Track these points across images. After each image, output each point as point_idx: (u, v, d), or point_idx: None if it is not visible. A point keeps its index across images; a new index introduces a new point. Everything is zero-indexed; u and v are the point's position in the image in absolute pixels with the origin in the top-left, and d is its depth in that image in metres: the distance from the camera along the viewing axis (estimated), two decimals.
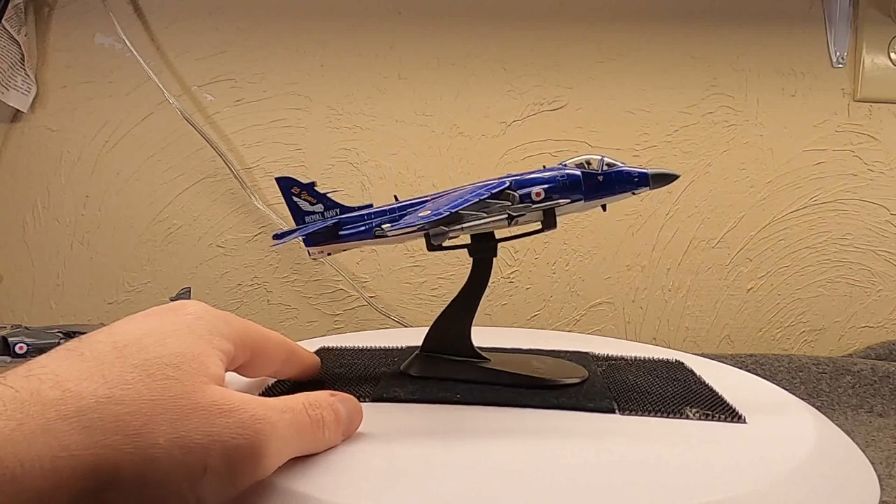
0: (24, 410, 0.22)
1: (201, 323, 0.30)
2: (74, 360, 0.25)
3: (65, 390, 0.24)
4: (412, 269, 0.88)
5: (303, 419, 0.29)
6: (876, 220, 0.88)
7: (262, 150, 0.87)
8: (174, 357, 0.26)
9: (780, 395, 0.44)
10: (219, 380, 0.28)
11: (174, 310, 0.30)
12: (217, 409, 0.25)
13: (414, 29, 0.86)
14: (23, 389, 0.23)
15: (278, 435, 0.27)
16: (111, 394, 0.24)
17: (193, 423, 0.25)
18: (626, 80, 0.87)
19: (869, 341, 0.89)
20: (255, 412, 0.26)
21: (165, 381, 0.25)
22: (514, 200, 0.40)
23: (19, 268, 0.87)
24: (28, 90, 0.84)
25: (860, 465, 0.35)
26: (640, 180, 0.41)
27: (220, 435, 0.25)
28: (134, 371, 0.25)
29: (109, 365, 0.25)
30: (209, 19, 0.85)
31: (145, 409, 0.24)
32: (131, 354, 0.26)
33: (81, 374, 0.25)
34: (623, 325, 0.90)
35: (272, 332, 0.35)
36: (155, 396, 0.25)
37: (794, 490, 0.29)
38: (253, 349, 0.33)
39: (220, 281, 0.87)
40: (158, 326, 0.28)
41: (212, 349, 0.29)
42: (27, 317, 0.87)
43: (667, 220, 0.88)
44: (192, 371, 0.26)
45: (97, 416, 0.23)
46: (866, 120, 0.87)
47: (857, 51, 0.86)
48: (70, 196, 0.87)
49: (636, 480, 0.29)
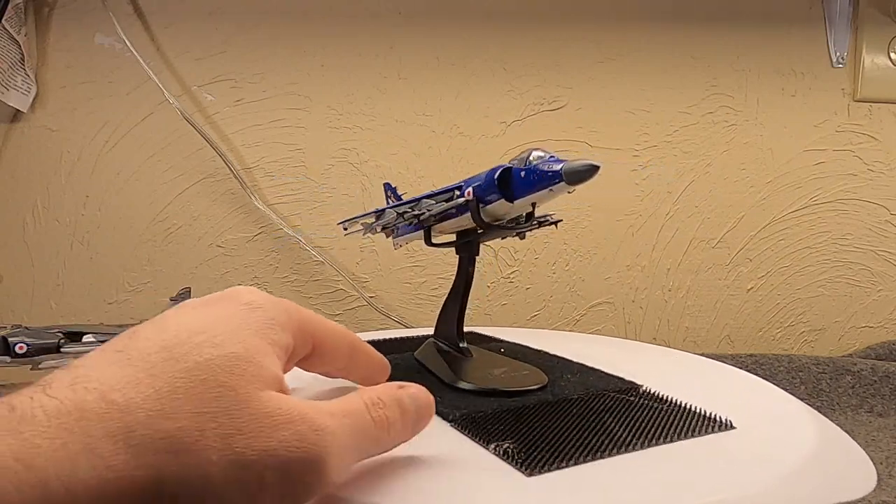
0: (68, 427, 0.21)
1: (258, 314, 0.28)
2: (122, 364, 0.24)
3: (110, 402, 0.22)
4: (412, 269, 0.88)
5: (365, 422, 0.27)
6: (876, 220, 0.88)
7: (262, 150, 0.87)
8: (228, 359, 0.25)
9: (780, 395, 0.44)
10: (276, 382, 0.26)
11: (229, 298, 0.28)
12: (273, 420, 0.24)
13: (414, 29, 0.86)
14: (67, 401, 0.22)
15: (339, 444, 0.25)
16: (160, 406, 0.23)
17: (248, 437, 0.23)
18: (626, 80, 0.87)
19: (869, 341, 0.89)
20: (313, 422, 0.25)
21: (219, 390, 0.24)
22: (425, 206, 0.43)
23: (19, 268, 0.87)
24: (28, 90, 0.84)
25: (861, 463, 0.35)
26: (553, 176, 0.37)
27: (276, 449, 0.23)
28: (185, 377, 0.23)
29: (159, 370, 0.24)
30: (209, 19, 0.85)
31: (197, 424, 0.23)
32: (182, 357, 0.24)
33: (129, 383, 0.23)
34: (623, 325, 0.90)
35: (336, 325, 0.33)
36: (207, 409, 0.23)
37: (795, 490, 0.29)
38: (314, 340, 0.31)
39: (220, 281, 0.87)
40: (211, 321, 0.26)
41: (269, 346, 0.27)
42: (27, 317, 0.86)
43: (667, 220, 0.88)
44: (248, 375, 0.25)
45: (146, 434, 0.22)
46: (866, 120, 0.87)
47: (857, 51, 0.86)
48: (70, 196, 0.86)
49: (635, 481, 0.29)
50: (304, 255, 0.87)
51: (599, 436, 0.33)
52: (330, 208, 0.87)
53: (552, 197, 0.38)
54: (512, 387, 0.40)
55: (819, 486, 0.31)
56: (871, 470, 0.34)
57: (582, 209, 0.88)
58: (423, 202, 0.45)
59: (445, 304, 0.48)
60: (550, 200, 0.39)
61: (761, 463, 0.31)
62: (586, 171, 0.35)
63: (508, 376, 0.42)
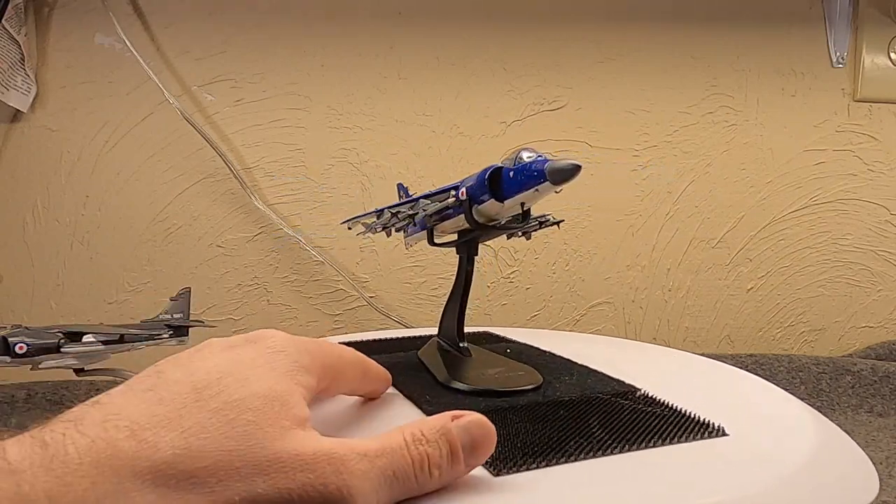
0: (98, 466, 0.22)
1: (283, 357, 0.28)
2: (151, 402, 0.24)
3: (141, 440, 0.23)
4: (412, 269, 0.88)
5: (402, 461, 0.26)
6: (876, 220, 0.88)
7: (262, 150, 0.87)
8: (255, 400, 0.25)
9: (780, 395, 0.44)
10: (302, 422, 0.26)
11: (254, 341, 0.29)
12: (298, 461, 0.24)
13: (414, 29, 0.86)
14: (99, 439, 0.22)
15: (369, 487, 0.25)
16: (188, 444, 0.23)
17: (272, 478, 0.23)
18: (626, 80, 0.87)
19: (869, 341, 0.89)
20: (340, 464, 0.24)
21: (245, 428, 0.24)
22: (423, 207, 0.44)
23: (19, 268, 0.87)
24: (28, 90, 0.84)
25: (861, 464, 0.35)
26: (538, 175, 0.37)
27: (299, 492, 0.23)
28: (213, 417, 0.24)
29: (188, 410, 0.24)
30: (209, 19, 0.85)
31: (222, 463, 0.23)
32: (211, 397, 0.25)
33: (159, 422, 0.23)
34: (623, 325, 0.90)
35: (346, 351, 0.33)
36: (233, 447, 0.23)
37: (795, 491, 0.29)
38: (333, 376, 0.32)
39: (220, 281, 0.87)
40: (238, 363, 0.27)
41: (295, 386, 0.27)
42: (27, 317, 0.86)
43: (667, 220, 0.88)
44: (274, 414, 0.25)
45: (172, 473, 0.22)
46: (866, 120, 0.87)
47: (857, 51, 0.86)
48: (70, 196, 0.86)
49: (634, 481, 0.29)
50: (304, 255, 0.87)
51: (579, 438, 0.32)
52: (330, 208, 0.87)
53: (539, 197, 0.38)
54: (504, 387, 0.40)
55: (819, 488, 0.30)
56: (871, 472, 0.34)
57: (582, 209, 0.88)
58: (420, 202, 0.45)
59: (446, 303, 0.48)
60: (539, 200, 0.39)
61: (761, 464, 0.31)
62: (569, 170, 0.36)
63: (503, 377, 0.42)
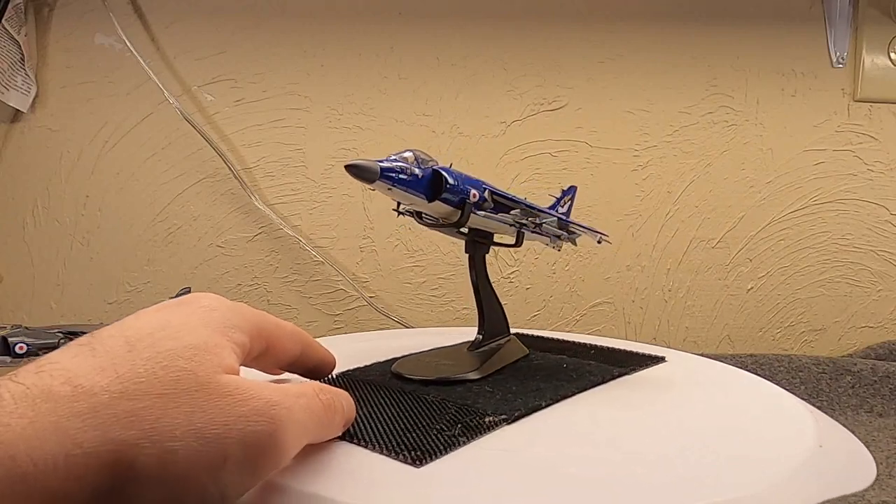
0: (35, 408, 0.22)
1: (215, 315, 0.29)
2: (86, 355, 0.25)
3: (76, 386, 0.23)
4: (412, 269, 0.88)
5: (316, 403, 0.29)
6: (876, 220, 0.88)
7: (262, 150, 0.87)
8: (187, 350, 0.26)
9: (780, 395, 0.44)
10: (233, 371, 0.27)
11: (187, 303, 0.30)
12: (232, 397, 0.25)
13: (414, 29, 0.86)
14: (34, 386, 0.23)
15: (295, 419, 0.27)
16: (124, 388, 0.24)
17: (209, 413, 0.24)
18: (626, 80, 0.87)
19: (869, 341, 0.88)
20: (270, 398, 0.26)
21: (178, 373, 0.25)
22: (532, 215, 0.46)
23: (19, 268, 0.87)
24: (28, 90, 0.84)
25: (862, 461, 0.35)
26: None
27: (237, 423, 0.25)
28: (146, 364, 0.25)
29: (121, 360, 0.25)
30: (209, 19, 0.85)
31: (159, 403, 0.24)
32: (144, 349, 0.26)
33: (93, 370, 0.24)
34: (623, 325, 0.90)
35: (287, 323, 0.35)
36: (168, 389, 0.24)
37: (796, 490, 0.29)
38: (268, 340, 0.33)
39: (220, 281, 0.87)
40: (171, 320, 0.28)
41: (227, 342, 0.28)
42: (27, 317, 0.86)
43: (667, 220, 0.88)
44: (206, 362, 0.26)
45: (111, 413, 0.23)
46: (866, 120, 0.87)
47: (857, 51, 0.86)
48: (70, 196, 0.86)
49: (633, 482, 0.29)
50: (304, 255, 0.87)
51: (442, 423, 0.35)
52: (330, 208, 0.87)
53: (407, 199, 0.42)
54: (426, 376, 0.43)
55: (820, 483, 0.31)
56: (869, 461, 0.34)
57: (582, 209, 0.88)
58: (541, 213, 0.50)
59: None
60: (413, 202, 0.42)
61: (762, 463, 0.31)
62: (352, 169, 0.39)
63: (443, 366, 0.45)
